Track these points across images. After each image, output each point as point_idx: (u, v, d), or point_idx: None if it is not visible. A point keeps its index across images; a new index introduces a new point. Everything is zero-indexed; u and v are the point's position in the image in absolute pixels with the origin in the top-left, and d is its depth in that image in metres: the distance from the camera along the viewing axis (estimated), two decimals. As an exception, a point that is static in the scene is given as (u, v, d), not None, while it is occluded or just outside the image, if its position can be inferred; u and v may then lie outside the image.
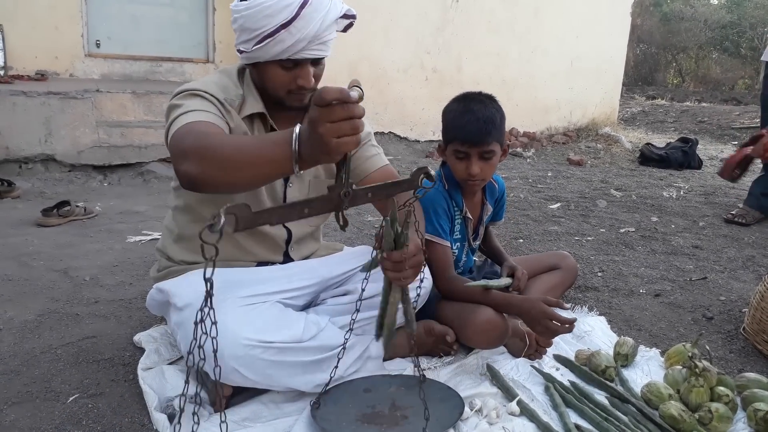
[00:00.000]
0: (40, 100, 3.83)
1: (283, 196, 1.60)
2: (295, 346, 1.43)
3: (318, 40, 1.41)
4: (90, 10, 4.94)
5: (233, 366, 1.36)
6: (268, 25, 1.37)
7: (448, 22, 5.99)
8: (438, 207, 1.84)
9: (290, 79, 1.45)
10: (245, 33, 1.42)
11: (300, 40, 1.38)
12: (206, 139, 1.22)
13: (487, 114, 1.77)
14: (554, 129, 6.97)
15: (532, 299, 1.69)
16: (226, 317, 1.36)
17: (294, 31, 1.37)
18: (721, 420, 1.45)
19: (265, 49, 1.40)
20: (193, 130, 1.27)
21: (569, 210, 3.88)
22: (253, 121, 1.53)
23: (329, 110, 0.96)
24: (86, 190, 3.87)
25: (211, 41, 5.48)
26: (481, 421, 1.45)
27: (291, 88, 1.47)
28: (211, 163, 1.17)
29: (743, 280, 2.64)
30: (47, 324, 1.93)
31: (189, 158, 1.20)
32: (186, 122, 1.31)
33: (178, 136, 1.27)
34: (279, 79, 1.46)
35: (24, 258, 2.54)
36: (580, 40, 6.88)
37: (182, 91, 1.44)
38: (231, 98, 1.49)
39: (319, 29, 1.39)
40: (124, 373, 1.65)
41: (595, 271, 2.66)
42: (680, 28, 15.12)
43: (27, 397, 1.52)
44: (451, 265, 1.85)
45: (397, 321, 1.67)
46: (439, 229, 1.83)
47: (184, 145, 1.23)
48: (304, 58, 1.42)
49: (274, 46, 1.39)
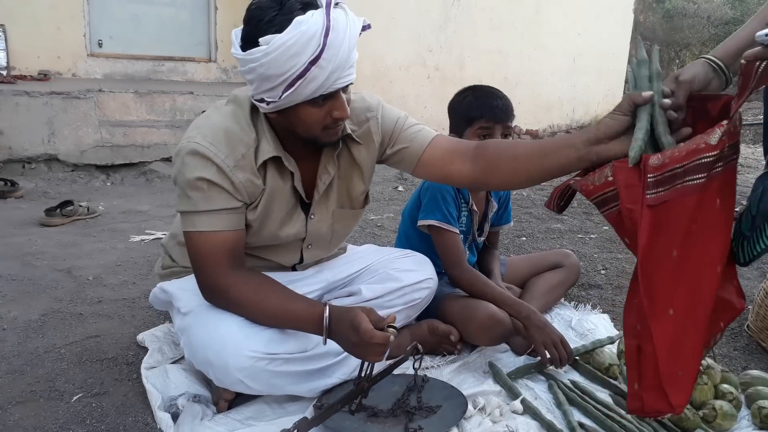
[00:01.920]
0: (42, 100, 3.84)
1: (305, 228, 1.53)
2: (300, 356, 1.42)
3: (348, 65, 1.27)
4: (92, 9, 4.94)
5: (238, 377, 1.35)
6: (296, 65, 1.20)
7: (449, 20, 5.98)
8: (446, 194, 1.84)
9: (324, 114, 1.31)
10: (268, 81, 1.24)
11: (333, 71, 1.23)
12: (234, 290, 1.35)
13: (504, 95, 1.86)
14: (557, 126, 6.96)
15: (544, 321, 1.70)
16: (231, 329, 1.35)
17: (324, 64, 1.21)
18: (725, 417, 1.45)
19: (298, 91, 1.23)
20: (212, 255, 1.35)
21: (572, 207, 3.87)
22: (266, 166, 1.41)
23: (374, 346, 1.25)
24: (89, 190, 3.87)
25: (213, 40, 5.48)
26: (485, 419, 1.45)
27: (326, 123, 1.33)
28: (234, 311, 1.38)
29: (747, 277, 2.64)
30: (51, 323, 1.93)
31: (211, 295, 1.39)
32: (203, 230, 1.35)
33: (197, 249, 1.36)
34: (312, 118, 1.31)
35: (27, 258, 2.54)
36: (583, 37, 6.86)
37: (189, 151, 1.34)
38: (242, 152, 1.36)
39: (349, 52, 1.25)
40: (128, 372, 1.66)
41: (599, 268, 2.66)
42: (683, 25, 15.08)
43: (31, 397, 1.52)
44: (463, 255, 1.85)
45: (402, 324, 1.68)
46: (449, 216, 1.83)
47: (207, 277, 1.37)
48: (337, 89, 1.28)
49: (307, 85, 1.23)
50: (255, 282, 1.38)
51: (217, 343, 1.34)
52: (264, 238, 1.48)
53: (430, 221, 1.83)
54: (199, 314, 1.41)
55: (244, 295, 1.35)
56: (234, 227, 1.37)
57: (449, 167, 1.46)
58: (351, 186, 1.55)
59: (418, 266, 1.73)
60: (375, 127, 1.50)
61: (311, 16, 1.21)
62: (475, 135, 1.82)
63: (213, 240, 1.34)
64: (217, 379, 1.39)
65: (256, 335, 1.35)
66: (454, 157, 1.45)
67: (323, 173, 1.48)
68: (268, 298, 1.36)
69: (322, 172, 1.48)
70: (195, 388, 1.51)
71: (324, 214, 1.54)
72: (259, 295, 1.36)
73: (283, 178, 1.44)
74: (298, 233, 1.52)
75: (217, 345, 1.34)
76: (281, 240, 1.50)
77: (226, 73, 5.58)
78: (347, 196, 1.56)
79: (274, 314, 1.36)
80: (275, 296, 1.37)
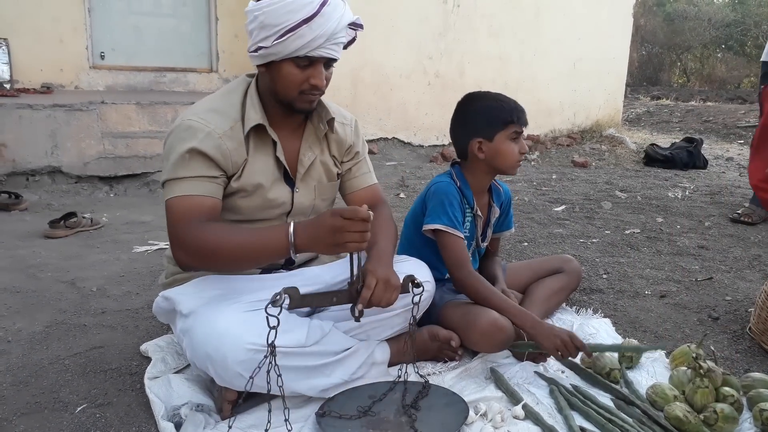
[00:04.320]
0: (45, 112, 3.87)
1: (291, 201, 1.64)
2: (299, 350, 1.44)
3: (333, 40, 1.46)
4: (94, 22, 4.99)
5: (237, 371, 1.37)
6: (290, 20, 1.40)
7: (449, 27, 6.00)
8: (452, 198, 1.86)
9: (304, 78, 1.48)
10: (265, 30, 1.44)
11: (319, 36, 1.42)
12: (202, 236, 1.39)
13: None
14: (558, 131, 6.96)
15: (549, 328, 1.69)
16: (229, 322, 1.38)
17: (315, 26, 1.41)
18: (727, 420, 1.45)
19: (286, 43, 1.42)
20: (186, 215, 1.42)
21: (574, 212, 3.88)
22: (250, 138, 1.55)
23: (353, 223, 1.30)
24: (93, 201, 3.90)
25: (214, 51, 5.52)
26: (486, 425, 1.46)
27: (303, 87, 1.49)
28: (208, 262, 1.44)
29: (749, 279, 2.64)
30: (55, 335, 1.95)
31: (185, 251, 1.42)
32: (180, 195, 1.43)
33: (172, 211, 1.43)
34: (292, 77, 1.48)
35: (32, 270, 2.56)
36: (582, 42, 6.88)
37: (180, 126, 1.49)
38: (230, 125, 1.52)
39: (336, 28, 1.44)
40: (131, 382, 1.67)
41: (600, 273, 2.66)
42: (684, 28, 15.11)
43: (36, 408, 1.53)
44: (468, 259, 1.85)
45: (401, 326, 1.70)
46: (454, 221, 1.84)
47: (179, 234, 1.42)
48: (320, 56, 1.46)
49: (295, 40, 1.42)
50: (223, 225, 1.49)
51: (216, 336, 1.37)
52: (255, 201, 1.58)
53: (436, 225, 1.84)
54: (200, 313, 1.44)
55: (210, 236, 1.40)
56: (210, 194, 1.47)
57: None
58: (327, 167, 1.71)
59: (416, 270, 1.73)
60: (349, 133, 1.74)
61: None
62: (508, 138, 1.87)
63: (188, 202, 1.44)
64: (217, 375, 1.40)
65: (255, 328, 1.37)
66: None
67: (307, 151, 1.65)
68: (235, 233, 1.44)
69: (306, 150, 1.65)
70: (198, 398, 1.52)
71: (307, 188, 1.67)
72: (226, 232, 1.44)
73: (265, 147, 1.58)
74: (285, 203, 1.63)
75: (215, 339, 1.36)
76: (271, 204, 1.60)
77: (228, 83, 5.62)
78: (325, 172, 1.71)
79: (242, 245, 1.41)
80: (242, 230, 1.48)
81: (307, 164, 1.64)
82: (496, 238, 2.13)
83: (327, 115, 1.64)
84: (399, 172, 5.04)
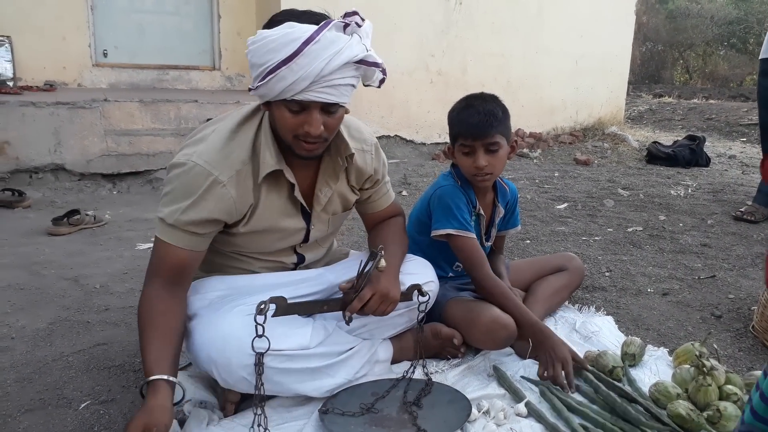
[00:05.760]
0: (48, 110, 3.87)
1: (306, 236, 1.60)
2: (303, 353, 1.44)
3: (324, 83, 1.29)
4: (96, 20, 4.99)
5: (241, 375, 1.37)
6: (270, 60, 1.27)
7: (451, 24, 5.99)
8: (459, 201, 1.85)
9: (297, 123, 1.34)
10: (253, 69, 1.33)
11: (302, 78, 1.26)
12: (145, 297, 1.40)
13: (488, 108, 1.81)
14: (560, 129, 6.95)
15: (561, 342, 1.69)
16: (233, 326, 1.38)
17: (295, 68, 1.26)
18: (730, 419, 1.45)
19: (268, 86, 1.29)
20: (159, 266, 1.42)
21: (576, 210, 3.87)
22: (268, 180, 1.45)
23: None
24: (96, 199, 3.90)
25: (216, 48, 5.52)
26: (489, 422, 1.46)
27: (298, 132, 1.35)
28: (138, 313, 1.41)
29: (752, 277, 2.63)
30: (59, 332, 1.95)
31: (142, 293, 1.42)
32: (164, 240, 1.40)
33: (153, 251, 1.43)
34: (285, 122, 1.35)
35: (35, 267, 2.57)
36: (585, 40, 6.86)
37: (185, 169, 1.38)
38: (237, 169, 1.40)
39: (324, 69, 1.27)
40: (135, 379, 1.67)
41: (603, 271, 2.66)
42: (686, 25, 15.07)
43: (40, 405, 1.54)
44: (484, 257, 1.85)
45: (404, 326, 1.70)
46: (465, 223, 1.84)
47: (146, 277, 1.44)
48: (310, 100, 1.31)
49: (276, 83, 1.28)
50: (161, 307, 1.38)
51: (220, 341, 1.36)
52: (265, 240, 1.54)
53: (447, 230, 1.83)
54: (203, 315, 1.44)
55: (144, 306, 1.38)
56: (192, 248, 1.41)
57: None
58: (344, 197, 1.64)
59: (420, 269, 1.74)
60: (369, 161, 1.62)
61: (304, 26, 1.28)
62: (459, 152, 1.85)
63: (168, 252, 1.40)
64: (221, 378, 1.40)
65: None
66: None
67: (323, 186, 1.55)
68: (149, 324, 1.35)
69: (322, 185, 1.55)
70: (201, 394, 1.52)
71: (322, 223, 1.62)
72: (150, 315, 1.36)
73: (279, 188, 1.49)
74: (299, 237, 1.59)
75: (219, 343, 1.36)
76: (283, 238, 1.57)
77: (230, 81, 5.62)
78: (341, 203, 1.64)
79: (139, 337, 1.36)
80: (154, 330, 1.35)
81: (324, 201, 1.56)
82: (501, 236, 2.13)
83: (347, 150, 1.51)
84: (401, 169, 5.04)
